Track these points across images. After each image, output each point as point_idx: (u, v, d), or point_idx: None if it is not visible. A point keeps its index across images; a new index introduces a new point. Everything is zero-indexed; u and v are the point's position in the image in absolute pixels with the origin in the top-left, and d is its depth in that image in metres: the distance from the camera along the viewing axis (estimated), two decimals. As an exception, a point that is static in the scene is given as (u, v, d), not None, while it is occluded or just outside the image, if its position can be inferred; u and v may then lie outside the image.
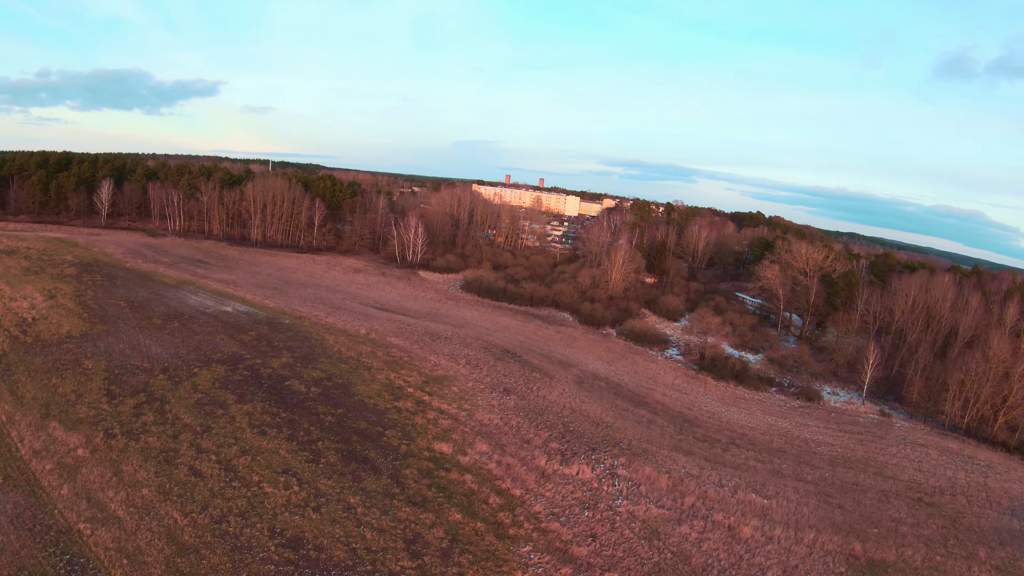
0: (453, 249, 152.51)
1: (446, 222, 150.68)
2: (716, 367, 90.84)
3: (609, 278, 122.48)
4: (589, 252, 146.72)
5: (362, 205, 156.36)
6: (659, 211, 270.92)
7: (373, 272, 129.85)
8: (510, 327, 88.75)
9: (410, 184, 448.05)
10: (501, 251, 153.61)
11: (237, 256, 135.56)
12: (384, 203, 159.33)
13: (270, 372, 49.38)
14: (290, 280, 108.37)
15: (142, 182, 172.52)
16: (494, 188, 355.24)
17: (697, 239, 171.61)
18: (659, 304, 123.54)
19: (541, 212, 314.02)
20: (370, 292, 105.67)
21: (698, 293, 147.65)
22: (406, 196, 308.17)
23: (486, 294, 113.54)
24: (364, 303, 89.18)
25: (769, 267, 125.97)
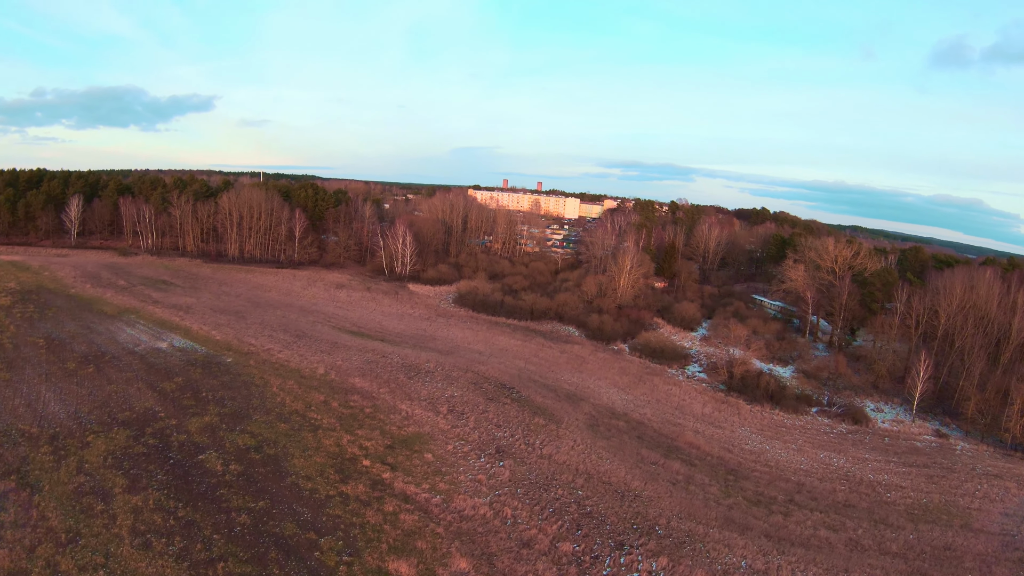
0: (446, 258, 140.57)
1: (438, 230, 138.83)
2: (747, 387, 78.83)
3: (617, 285, 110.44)
4: (593, 257, 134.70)
5: (347, 215, 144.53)
6: (663, 210, 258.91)
7: (357, 287, 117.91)
8: (508, 348, 76.68)
9: (404, 192, 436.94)
10: (498, 259, 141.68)
11: (208, 274, 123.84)
12: (371, 211, 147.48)
13: (183, 440, 37.46)
14: (260, 301, 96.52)
15: (113, 198, 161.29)
16: (490, 192, 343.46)
17: (707, 239, 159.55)
18: (673, 312, 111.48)
19: (540, 215, 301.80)
20: (350, 311, 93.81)
21: (713, 297, 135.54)
22: (399, 203, 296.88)
23: (481, 308, 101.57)
24: (338, 326, 77.28)
25: (793, 267, 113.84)
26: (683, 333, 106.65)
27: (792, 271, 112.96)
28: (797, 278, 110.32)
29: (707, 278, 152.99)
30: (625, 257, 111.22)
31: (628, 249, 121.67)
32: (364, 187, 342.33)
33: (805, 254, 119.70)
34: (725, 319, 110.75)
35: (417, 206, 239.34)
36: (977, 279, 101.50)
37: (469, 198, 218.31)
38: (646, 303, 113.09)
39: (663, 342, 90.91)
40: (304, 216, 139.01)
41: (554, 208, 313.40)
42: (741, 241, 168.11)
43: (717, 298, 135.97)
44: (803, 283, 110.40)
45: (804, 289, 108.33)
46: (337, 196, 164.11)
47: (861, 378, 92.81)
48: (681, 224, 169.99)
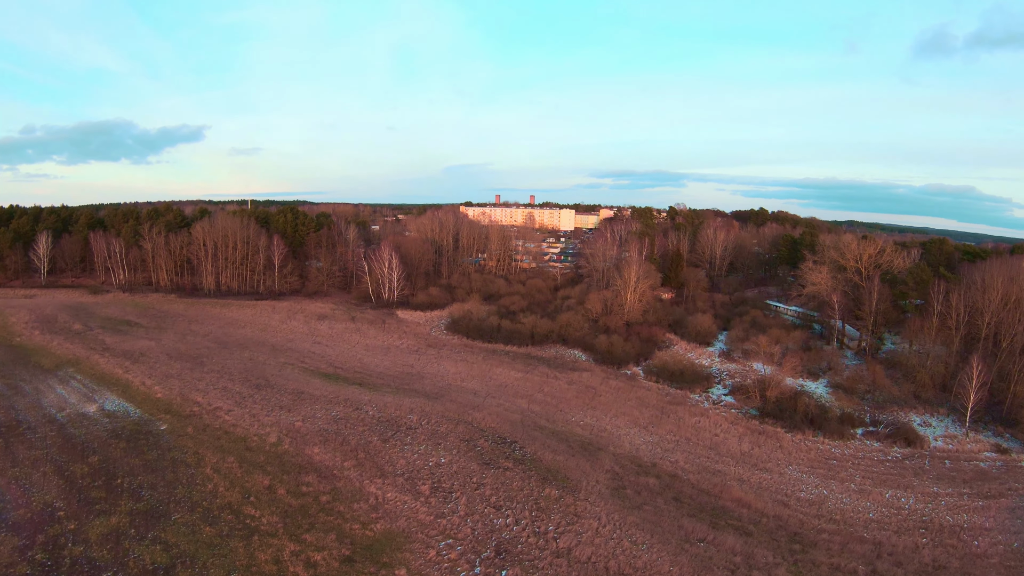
0: (437, 280, 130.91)
1: (427, 251, 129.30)
2: (783, 411, 69.07)
3: (624, 300, 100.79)
4: (595, 270, 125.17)
5: (329, 239, 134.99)
6: (661, 216, 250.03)
7: (341, 317, 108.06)
8: (507, 384, 66.77)
9: (396, 212, 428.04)
10: (493, 278, 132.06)
11: (180, 311, 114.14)
12: (356, 234, 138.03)
13: (78, 555, 27.70)
14: (228, 340, 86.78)
15: (83, 233, 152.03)
16: (482, 208, 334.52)
17: (713, 243, 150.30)
18: (687, 326, 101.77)
19: (535, 229, 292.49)
20: (329, 347, 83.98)
21: (726, 306, 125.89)
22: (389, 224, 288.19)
23: (476, 335, 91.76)
24: (312, 367, 67.46)
25: (815, 269, 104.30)
26: (699, 349, 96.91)
27: (814, 274, 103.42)
28: (820, 281, 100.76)
29: (716, 285, 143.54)
30: (630, 269, 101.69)
31: (632, 260, 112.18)
32: (352, 210, 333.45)
33: (825, 254, 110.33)
34: (743, 330, 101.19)
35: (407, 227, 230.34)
36: (1017, 270, 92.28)
37: (460, 215, 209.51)
38: (656, 318, 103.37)
39: (680, 362, 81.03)
40: (283, 243, 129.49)
41: (549, 221, 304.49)
42: (748, 244, 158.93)
43: (730, 307, 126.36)
44: (827, 286, 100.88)
45: (830, 292, 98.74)
46: (319, 220, 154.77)
47: (901, 388, 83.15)
48: (683, 230, 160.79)
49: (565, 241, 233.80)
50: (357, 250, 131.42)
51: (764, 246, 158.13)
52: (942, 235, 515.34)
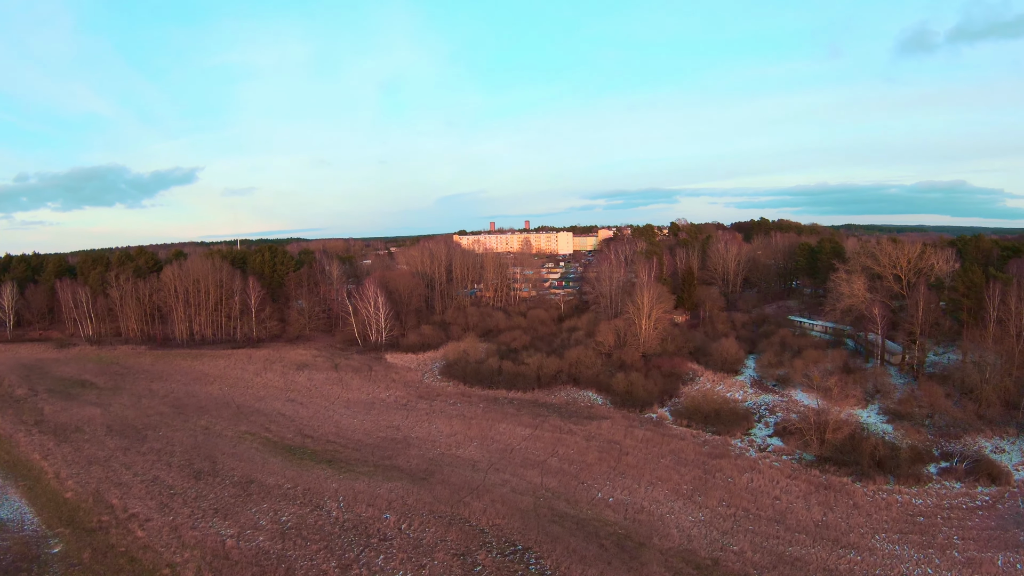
0: (429, 318, 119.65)
1: (417, 286, 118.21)
2: (843, 453, 57.47)
3: (639, 328, 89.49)
4: (601, 295, 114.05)
5: (311, 278, 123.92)
6: (663, 233, 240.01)
7: (322, 366, 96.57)
8: (514, 446, 55.07)
9: (390, 245, 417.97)
10: (490, 311, 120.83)
11: (146, 366, 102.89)
12: (339, 271, 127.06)
13: None
14: (187, 402, 75.48)
15: (50, 282, 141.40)
16: (476, 236, 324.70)
17: (725, 258, 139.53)
18: (710, 353, 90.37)
19: (532, 255, 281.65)
20: (304, 406, 72.43)
21: (747, 327, 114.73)
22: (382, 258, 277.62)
23: (474, 379, 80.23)
24: (277, 437, 55.94)
25: (851, 280, 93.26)
26: (728, 379, 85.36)
27: (849, 284, 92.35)
28: (859, 292, 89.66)
29: (732, 303, 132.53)
30: (643, 293, 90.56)
31: (642, 282, 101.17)
32: (343, 245, 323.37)
33: (856, 262, 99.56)
34: (774, 354, 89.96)
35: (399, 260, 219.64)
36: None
37: (453, 245, 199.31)
38: (675, 346, 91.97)
39: (712, 399, 69.27)
40: (259, 285, 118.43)
41: (546, 245, 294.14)
42: (760, 257, 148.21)
43: (752, 327, 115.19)
44: (864, 298, 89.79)
45: (872, 305, 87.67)
46: (300, 258, 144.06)
47: (963, 409, 71.84)
48: (690, 246, 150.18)
49: (565, 265, 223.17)
50: (341, 289, 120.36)
51: (778, 257, 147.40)
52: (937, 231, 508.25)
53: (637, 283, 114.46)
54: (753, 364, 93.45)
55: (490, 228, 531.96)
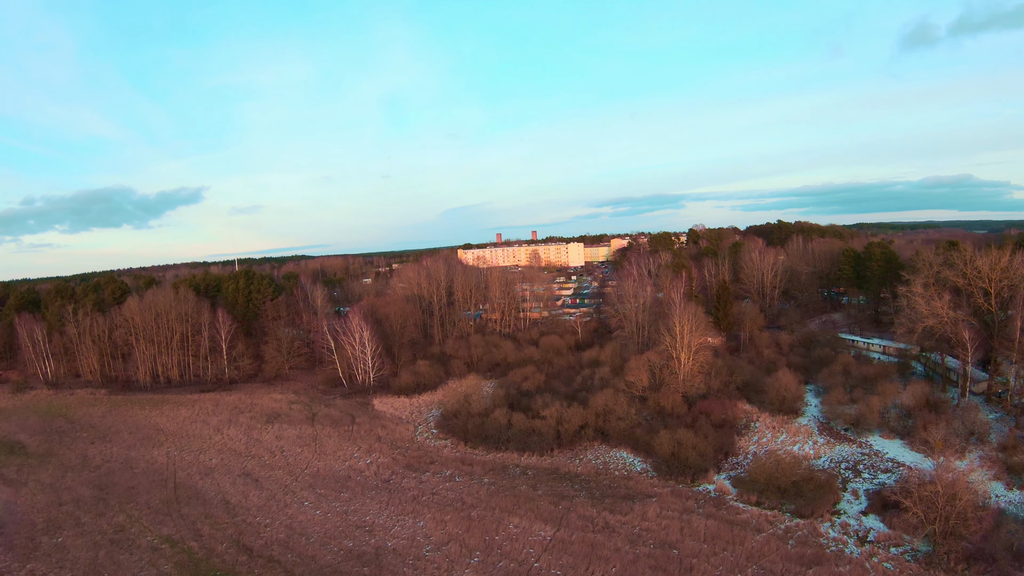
0: (427, 349, 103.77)
1: (411, 313, 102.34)
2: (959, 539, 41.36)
3: (677, 364, 73.20)
4: (626, 319, 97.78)
5: (291, 307, 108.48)
6: (680, 240, 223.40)
7: (296, 417, 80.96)
8: (529, 560, 38.89)
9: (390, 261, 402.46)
10: (497, 339, 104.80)
11: (96, 419, 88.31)
12: (323, 297, 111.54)
13: None
14: (120, 479, 60.50)
15: (9, 317, 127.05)
16: (481, 250, 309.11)
17: (761, 268, 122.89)
18: (764, 389, 74.20)
19: (541, 268, 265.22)
20: (259, 486, 56.80)
21: (796, 349, 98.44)
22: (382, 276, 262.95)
23: (478, 438, 64.25)
24: (201, 555, 40.67)
25: (926, 295, 76.56)
26: (788, 423, 69.21)
27: (927, 301, 75.61)
28: (942, 311, 72.93)
29: (772, 319, 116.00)
30: (680, 318, 74.27)
31: (676, 303, 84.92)
32: (342, 263, 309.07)
33: (927, 272, 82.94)
34: (840, 389, 73.47)
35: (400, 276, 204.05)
36: None
37: (455, 262, 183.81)
38: (721, 382, 75.71)
39: (783, 466, 52.50)
40: (229, 317, 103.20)
41: (555, 257, 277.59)
42: (800, 264, 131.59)
43: (802, 349, 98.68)
44: (948, 317, 73.07)
45: (960, 325, 71.14)
46: (282, 282, 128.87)
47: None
48: (720, 256, 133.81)
49: (577, 279, 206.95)
50: (325, 320, 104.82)
51: (819, 265, 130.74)
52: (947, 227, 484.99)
53: (666, 302, 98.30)
54: (815, 401, 77.09)
55: (496, 240, 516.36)
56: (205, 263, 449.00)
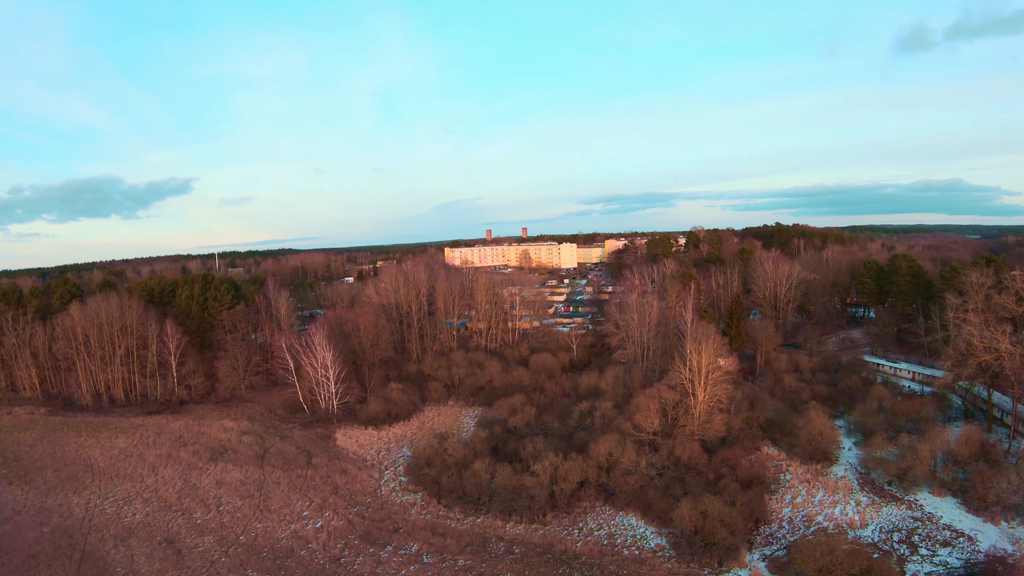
0: (402, 368, 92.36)
1: (383, 328, 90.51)
2: None
3: (693, 401, 62.10)
4: (628, 337, 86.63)
5: (249, 318, 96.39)
6: (679, 243, 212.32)
7: (245, 455, 69.31)
8: None
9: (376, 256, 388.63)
10: (482, 356, 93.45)
11: (24, 448, 77.26)
12: (287, 307, 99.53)
13: None
14: (17, 544, 48.33)
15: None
16: (469, 249, 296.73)
17: (775, 280, 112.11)
18: (793, 432, 63.48)
19: (531, 270, 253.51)
20: (180, 560, 44.96)
21: (818, 375, 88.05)
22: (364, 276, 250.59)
23: (455, 495, 52.92)
24: None
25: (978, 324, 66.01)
26: (823, 474, 58.69)
27: (979, 332, 64.96)
28: (1002, 346, 62.29)
29: (785, 335, 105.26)
30: (697, 348, 63.01)
31: (688, 323, 73.81)
32: (324, 260, 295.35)
33: (979, 294, 72.48)
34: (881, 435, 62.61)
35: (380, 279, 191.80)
36: None
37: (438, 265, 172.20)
38: (741, 420, 64.74)
39: (834, 551, 41.40)
40: (179, 329, 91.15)
41: (547, 258, 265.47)
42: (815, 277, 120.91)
43: (825, 374, 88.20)
44: (1007, 350, 62.46)
45: (1016, 362, 60.74)
46: (246, 287, 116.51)
47: None
48: (729, 265, 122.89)
49: (570, 283, 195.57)
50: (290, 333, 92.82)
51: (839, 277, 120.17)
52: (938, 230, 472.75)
53: (674, 319, 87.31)
54: (849, 443, 66.44)
55: (486, 236, 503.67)
56: (188, 255, 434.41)
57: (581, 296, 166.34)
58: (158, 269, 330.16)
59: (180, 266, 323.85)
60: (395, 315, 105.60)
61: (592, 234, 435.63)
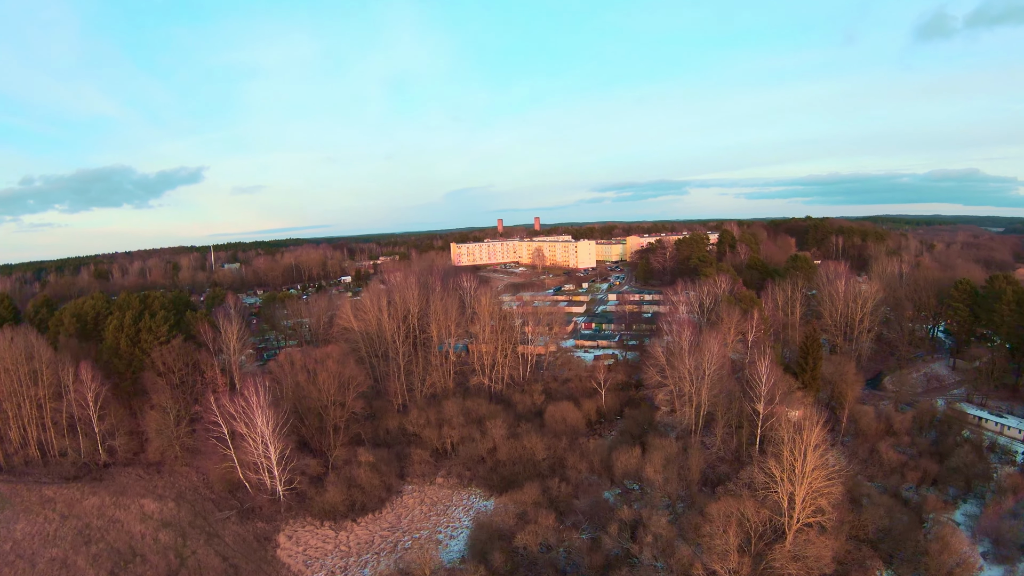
0: (381, 422, 72.21)
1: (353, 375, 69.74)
2: None
3: (788, 518, 41.29)
4: (679, 396, 65.73)
5: (184, 358, 76.05)
6: (712, 242, 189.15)
7: (157, 566, 49.84)
8: None
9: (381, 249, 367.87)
10: (484, 407, 73.00)
11: None
12: (238, 336, 79.69)
13: None
14: None
15: None
16: (478, 245, 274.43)
17: (845, 300, 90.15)
18: (913, 553, 42.47)
19: (544, 269, 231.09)
20: None
21: (917, 437, 67.33)
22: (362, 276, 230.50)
23: None
24: None
25: None
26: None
27: None
28: None
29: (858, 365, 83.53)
30: (804, 433, 42.14)
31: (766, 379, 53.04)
32: (320, 256, 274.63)
33: None
34: None
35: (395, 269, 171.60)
36: None
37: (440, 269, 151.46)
38: (846, 536, 43.99)
39: None
40: (99, 373, 71.67)
41: (562, 257, 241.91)
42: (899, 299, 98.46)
43: (926, 441, 67.15)
44: None
45: None
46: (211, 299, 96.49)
47: None
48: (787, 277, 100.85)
49: (590, 287, 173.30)
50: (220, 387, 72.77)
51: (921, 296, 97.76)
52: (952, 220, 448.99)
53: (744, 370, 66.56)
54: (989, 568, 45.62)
55: (498, 227, 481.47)
56: (191, 247, 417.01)
57: (603, 306, 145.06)
58: (150, 265, 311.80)
59: (175, 263, 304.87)
60: (377, 346, 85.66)
61: (609, 225, 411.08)
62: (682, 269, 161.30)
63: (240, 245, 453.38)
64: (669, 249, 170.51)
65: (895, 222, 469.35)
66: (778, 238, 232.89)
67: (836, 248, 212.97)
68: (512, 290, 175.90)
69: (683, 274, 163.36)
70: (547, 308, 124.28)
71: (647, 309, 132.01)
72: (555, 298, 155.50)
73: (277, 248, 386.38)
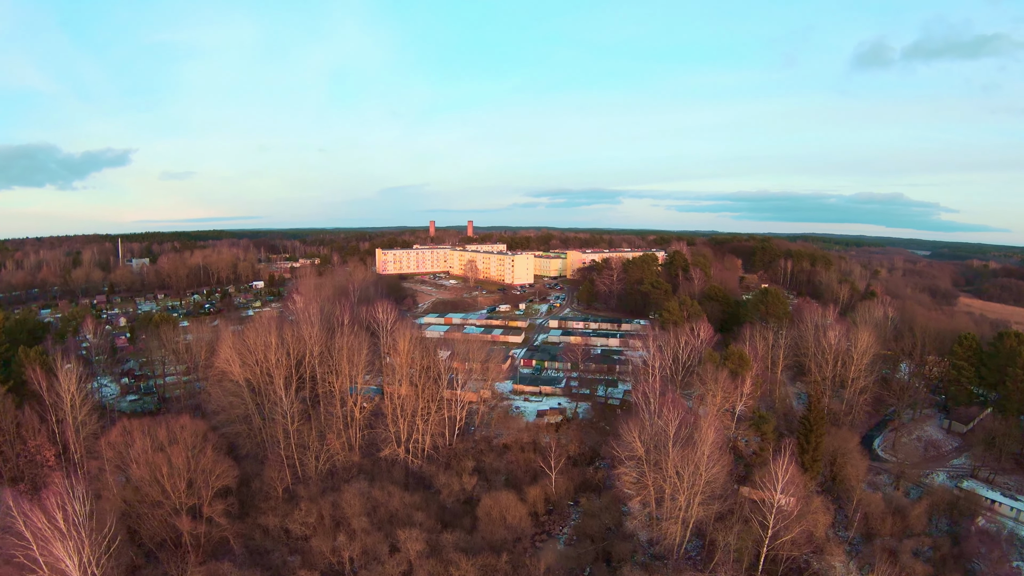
0: (254, 519, 51.75)
1: (206, 461, 49.00)
2: None
3: None
4: (659, 493, 48.91)
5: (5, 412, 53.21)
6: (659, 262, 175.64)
7: None
8: None
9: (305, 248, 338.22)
10: (397, 497, 53.70)
11: None
12: (76, 388, 57.04)
13: None
14: None
15: None
16: (406, 252, 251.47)
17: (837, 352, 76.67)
18: None
19: (476, 283, 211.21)
20: None
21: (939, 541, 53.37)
22: (277, 282, 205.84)
23: None
24: None
25: None
26: None
27: None
28: None
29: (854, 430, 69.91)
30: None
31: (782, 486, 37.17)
32: (230, 256, 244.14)
33: None
34: None
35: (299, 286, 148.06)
36: None
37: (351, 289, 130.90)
38: None
39: None
40: None
41: (497, 271, 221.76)
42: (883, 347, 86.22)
43: (945, 537, 53.72)
44: None
45: None
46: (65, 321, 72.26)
47: None
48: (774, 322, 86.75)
49: (527, 308, 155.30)
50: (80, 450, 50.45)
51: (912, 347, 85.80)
52: (876, 242, 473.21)
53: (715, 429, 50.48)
54: None
55: (430, 229, 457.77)
56: (106, 236, 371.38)
57: (544, 335, 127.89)
58: (47, 258, 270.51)
59: (76, 256, 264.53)
60: (264, 399, 65.16)
61: (545, 234, 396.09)
62: (630, 293, 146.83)
63: (158, 236, 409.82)
64: (617, 271, 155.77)
65: (824, 241, 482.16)
66: (724, 259, 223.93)
67: (784, 272, 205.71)
68: (440, 308, 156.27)
69: (631, 298, 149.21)
70: (480, 337, 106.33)
71: (596, 342, 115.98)
72: (489, 322, 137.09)
73: (196, 240, 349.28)
